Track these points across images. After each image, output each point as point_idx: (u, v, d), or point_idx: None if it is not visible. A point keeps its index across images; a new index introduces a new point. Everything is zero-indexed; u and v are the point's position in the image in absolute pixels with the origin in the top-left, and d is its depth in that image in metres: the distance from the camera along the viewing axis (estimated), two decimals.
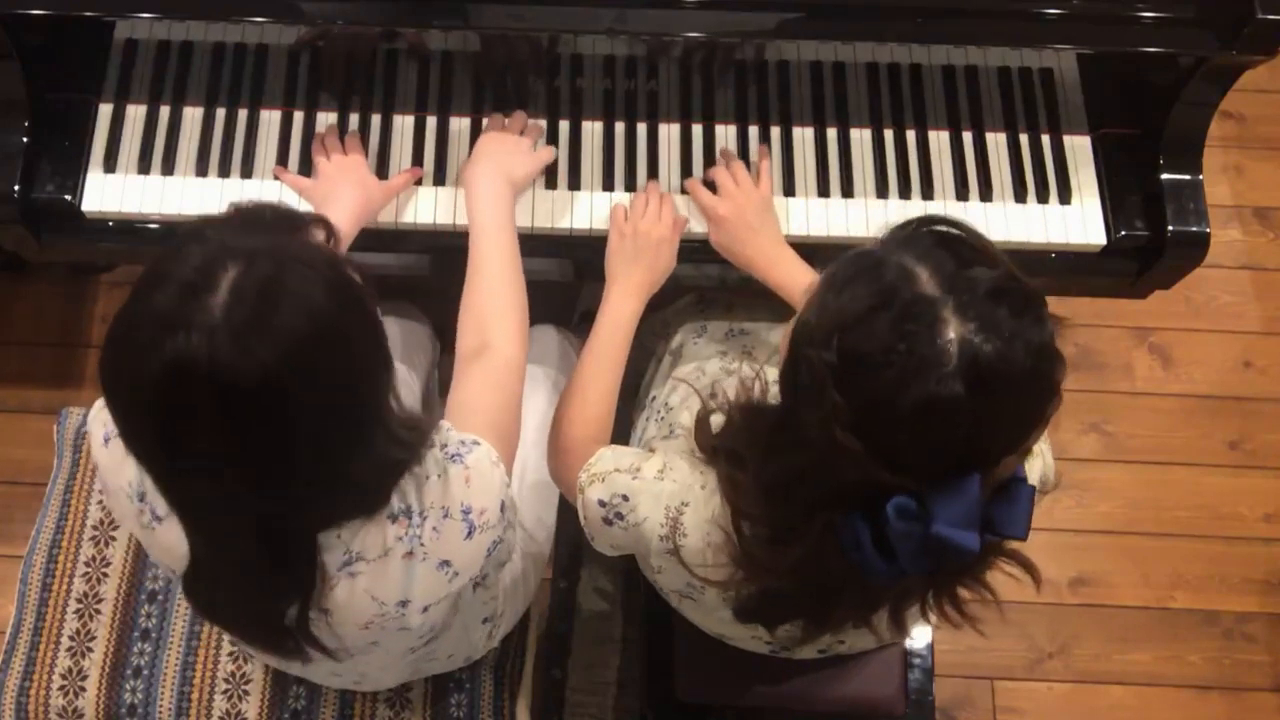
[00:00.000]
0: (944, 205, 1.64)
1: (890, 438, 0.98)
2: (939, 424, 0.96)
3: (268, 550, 1.09)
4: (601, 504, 1.25)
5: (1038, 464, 1.23)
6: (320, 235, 1.07)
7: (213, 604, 1.20)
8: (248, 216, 1.04)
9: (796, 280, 1.50)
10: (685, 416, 1.48)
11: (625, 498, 1.24)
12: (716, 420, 1.23)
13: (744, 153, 1.66)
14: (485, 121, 1.65)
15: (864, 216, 1.63)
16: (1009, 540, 1.04)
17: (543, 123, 1.66)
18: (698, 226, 1.61)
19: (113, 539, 1.68)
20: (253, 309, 0.94)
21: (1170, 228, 1.60)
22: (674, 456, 1.25)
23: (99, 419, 1.20)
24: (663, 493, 1.22)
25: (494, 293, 1.43)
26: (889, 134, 1.68)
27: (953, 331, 0.95)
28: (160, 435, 0.99)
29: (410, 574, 1.16)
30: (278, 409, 0.97)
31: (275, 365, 0.94)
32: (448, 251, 1.59)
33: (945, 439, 0.97)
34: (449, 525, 1.16)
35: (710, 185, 1.61)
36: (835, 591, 1.15)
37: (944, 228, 1.04)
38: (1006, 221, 1.64)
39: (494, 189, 1.51)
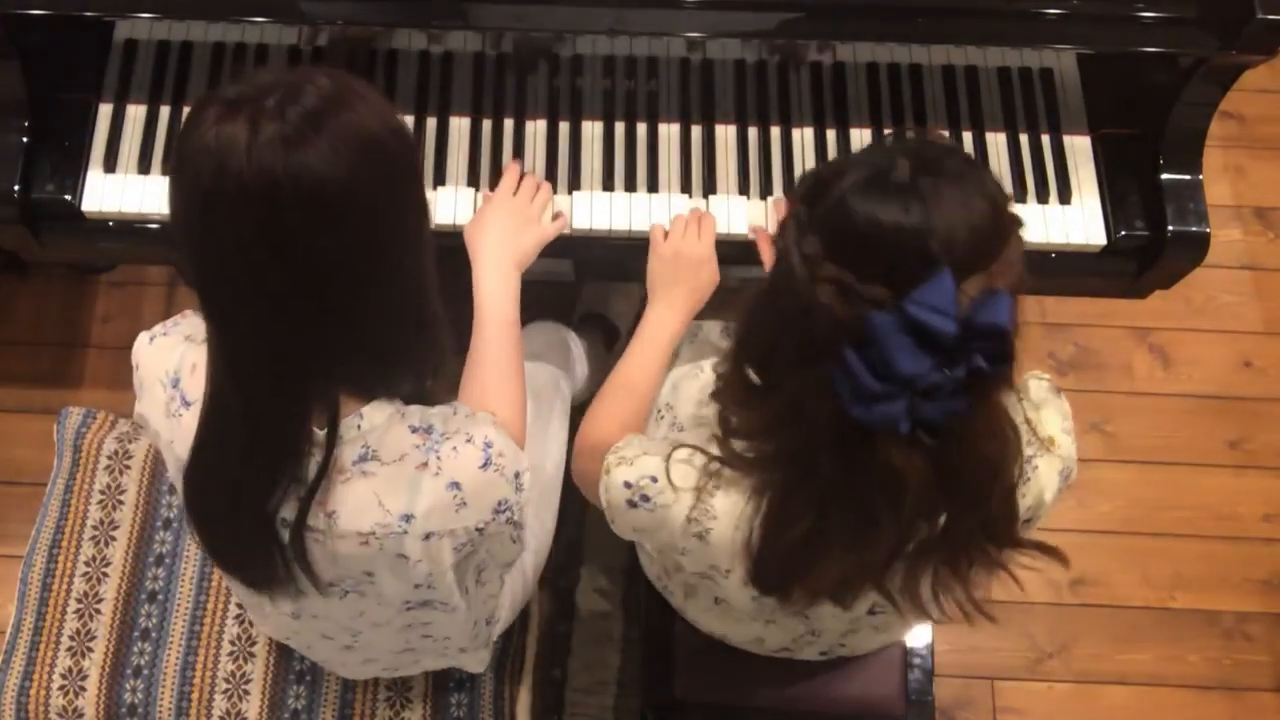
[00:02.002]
0: None
1: (852, 244, 1.03)
2: (892, 212, 1.02)
3: (290, 399, 1.11)
4: (627, 485, 1.24)
5: (1057, 463, 1.23)
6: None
7: (209, 498, 1.20)
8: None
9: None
10: (708, 411, 1.48)
11: (654, 479, 1.23)
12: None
13: (743, 152, 1.66)
14: (504, 170, 1.60)
15: None
16: (992, 334, 1.03)
17: (546, 166, 1.64)
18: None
19: (113, 539, 1.68)
20: (310, 108, 1.00)
21: (1170, 228, 1.60)
22: (704, 444, 1.24)
23: (147, 333, 1.28)
24: (691, 475, 1.22)
25: (494, 388, 1.41)
26: (889, 134, 1.67)
27: (901, 152, 1.05)
28: (205, 224, 1.02)
29: (419, 486, 1.16)
30: (314, 209, 1.00)
31: (317, 160, 0.99)
32: (444, 251, 1.59)
33: (900, 232, 1.01)
34: (468, 449, 1.18)
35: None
36: (829, 486, 1.14)
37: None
38: None
39: (500, 276, 1.48)
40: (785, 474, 1.16)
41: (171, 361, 1.22)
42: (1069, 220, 1.64)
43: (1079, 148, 1.68)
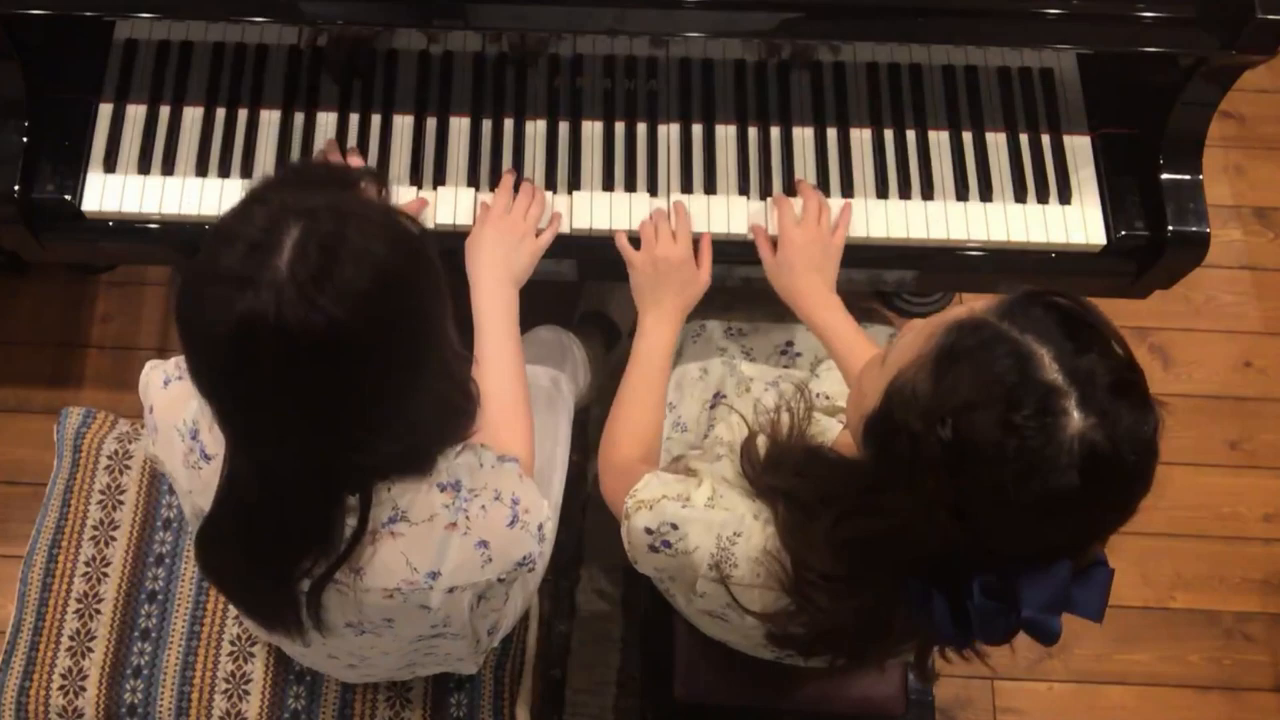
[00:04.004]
0: (944, 205, 1.64)
1: (992, 524, 0.97)
2: (1047, 517, 0.96)
3: (321, 492, 1.11)
4: (648, 531, 1.23)
5: None
6: (373, 189, 1.10)
7: (228, 563, 1.19)
8: (305, 175, 1.08)
9: (839, 328, 1.48)
10: (722, 429, 1.47)
11: (674, 526, 1.22)
12: (761, 443, 1.22)
13: (744, 152, 1.66)
14: (492, 194, 1.60)
15: (864, 217, 1.63)
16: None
17: (548, 195, 1.63)
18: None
19: (113, 539, 1.68)
20: (317, 265, 0.97)
21: (1170, 228, 1.60)
22: (723, 484, 1.23)
23: (158, 369, 1.26)
24: (714, 522, 1.20)
25: (499, 401, 1.41)
26: (889, 134, 1.68)
27: (1075, 427, 0.93)
28: (232, 385, 1.03)
29: (448, 546, 1.17)
30: (344, 357, 1.00)
31: (340, 317, 0.97)
32: (447, 253, 1.59)
33: (1048, 530, 0.97)
34: (497, 508, 1.19)
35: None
36: (881, 636, 1.16)
37: (1061, 302, 1.00)
38: (1006, 221, 1.64)
39: (499, 295, 1.49)
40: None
41: (189, 411, 1.21)
42: (1069, 220, 1.64)
43: (1079, 148, 1.68)
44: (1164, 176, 1.62)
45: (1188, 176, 1.62)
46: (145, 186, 1.62)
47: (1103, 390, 0.94)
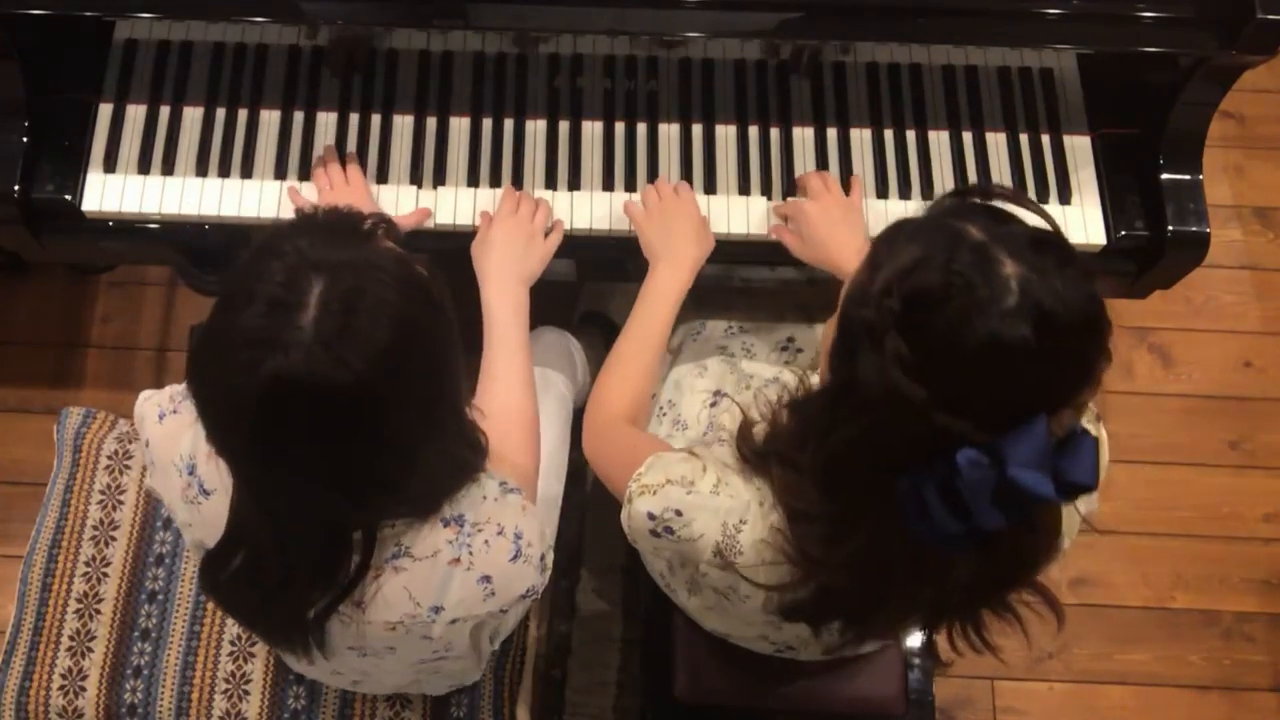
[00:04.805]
0: None
1: (955, 379, 0.98)
2: (1004, 363, 0.97)
3: (330, 538, 1.12)
4: (651, 516, 1.22)
5: (1083, 506, 1.23)
6: (382, 235, 1.09)
7: (234, 590, 1.20)
8: (318, 225, 1.06)
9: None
10: (725, 418, 1.47)
11: (679, 513, 1.21)
12: (760, 430, 1.22)
13: (744, 152, 1.66)
14: (498, 195, 1.61)
15: (864, 216, 1.63)
16: (1079, 490, 1.02)
17: (549, 195, 1.63)
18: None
19: (113, 539, 1.68)
20: (341, 322, 0.97)
21: (1170, 228, 1.61)
22: (727, 471, 1.23)
23: (152, 400, 1.25)
24: (719, 509, 1.20)
25: (507, 404, 1.42)
26: (889, 134, 1.68)
27: (1009, 269, 0.97)
28: (254, 445, 1.02)
29: (450, 580, 1.17)
30: (367, 412, 1.00)
31: (366, 372, 0.97)
32: (450, 253, 1.60)
33: (1010, 379, 0.98)
34: (500, 542, 1.19)
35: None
36: (887, 586, 1.15)
37: (980, 199, 1.09)
38: None
39: (509, 297, 1.50)
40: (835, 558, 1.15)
41: (184, 446, 1.21)
42: (1069, 220, 1.64)
43: (1079, 148, 1.68)
44: (1164, 176, 1.62)
45: (1188, 176, 1.62)
46: (145, 186, 1.62)
47: (1027, 247, 0.99)
